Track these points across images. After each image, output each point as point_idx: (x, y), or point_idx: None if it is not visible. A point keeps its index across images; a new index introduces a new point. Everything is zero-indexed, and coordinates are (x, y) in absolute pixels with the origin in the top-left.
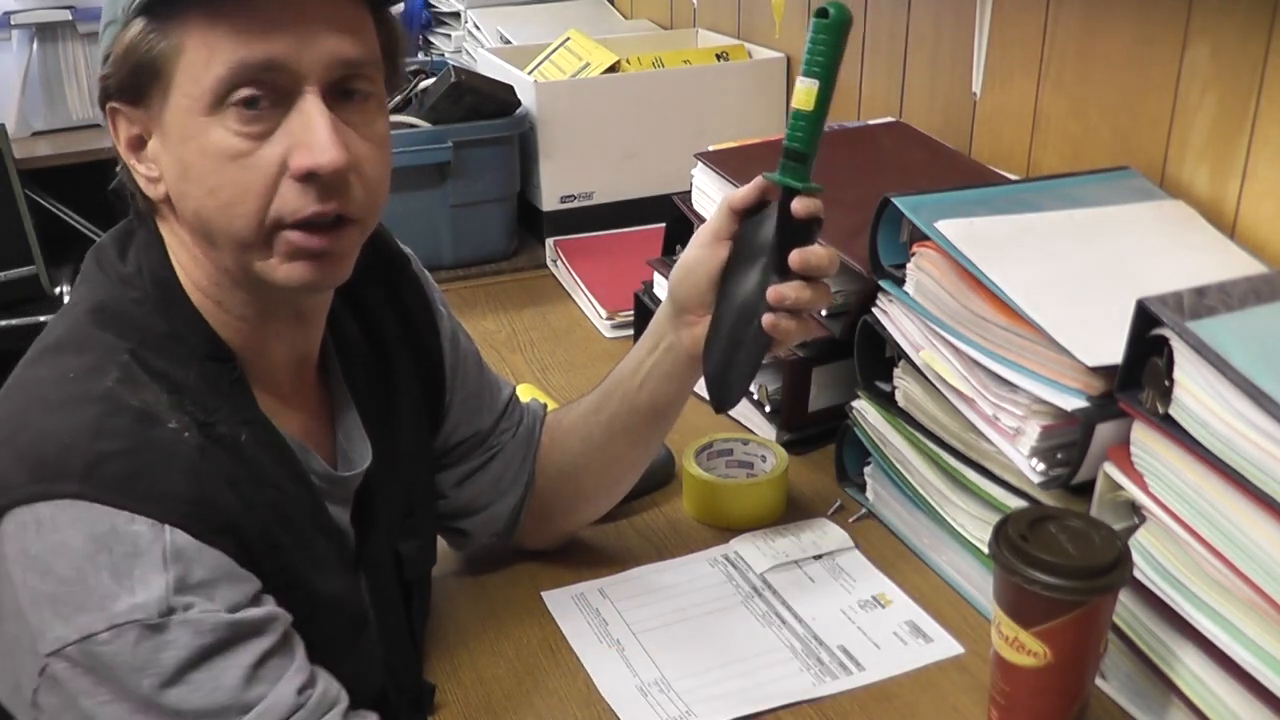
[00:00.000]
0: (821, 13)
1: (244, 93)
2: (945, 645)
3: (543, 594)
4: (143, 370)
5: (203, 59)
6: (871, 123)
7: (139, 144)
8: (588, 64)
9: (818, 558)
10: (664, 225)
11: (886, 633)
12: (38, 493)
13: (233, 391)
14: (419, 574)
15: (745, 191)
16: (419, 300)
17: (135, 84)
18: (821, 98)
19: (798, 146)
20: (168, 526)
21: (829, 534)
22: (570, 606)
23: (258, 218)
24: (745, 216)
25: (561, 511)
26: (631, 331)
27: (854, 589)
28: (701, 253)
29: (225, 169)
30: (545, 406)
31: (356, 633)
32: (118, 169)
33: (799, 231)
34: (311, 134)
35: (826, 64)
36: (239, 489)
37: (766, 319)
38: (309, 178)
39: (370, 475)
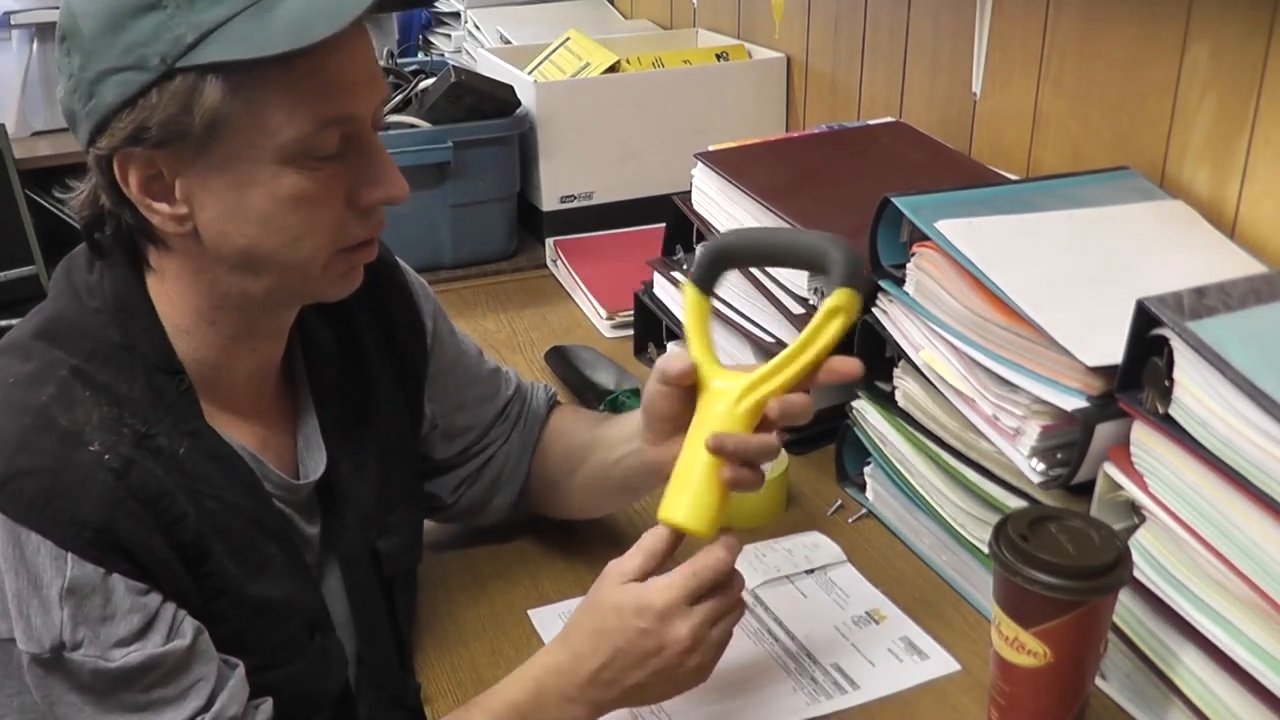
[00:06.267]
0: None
1: (325, 146)
2: (941, 662)
3: (529, 613)
4: (84, 386)
5: (282, 116)
6: (871, 123)
7: (155, 184)
8: (588, 64)
9: (810, 572)
10: (664, 225)
11: (881, 650)
12: None
13: (179, 403)
14: (399, 570)
15: (680, 371)
16: (404, 307)
17: (179, 133)
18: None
19: None
20: (70, 556)
21: (821, 548)
22: (558, 626)
23: (327, 250)
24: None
25: (551, 508)
26: (631, 332)
27: (847, 604)
28: (661, 389)
29: (296, 210)
30: (551, 398)
31: (310, 634)
32: (84, 208)
33: None
34: (383, 171)
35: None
36: (165, 502)
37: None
38: (374, 207)
39: (336, 478)
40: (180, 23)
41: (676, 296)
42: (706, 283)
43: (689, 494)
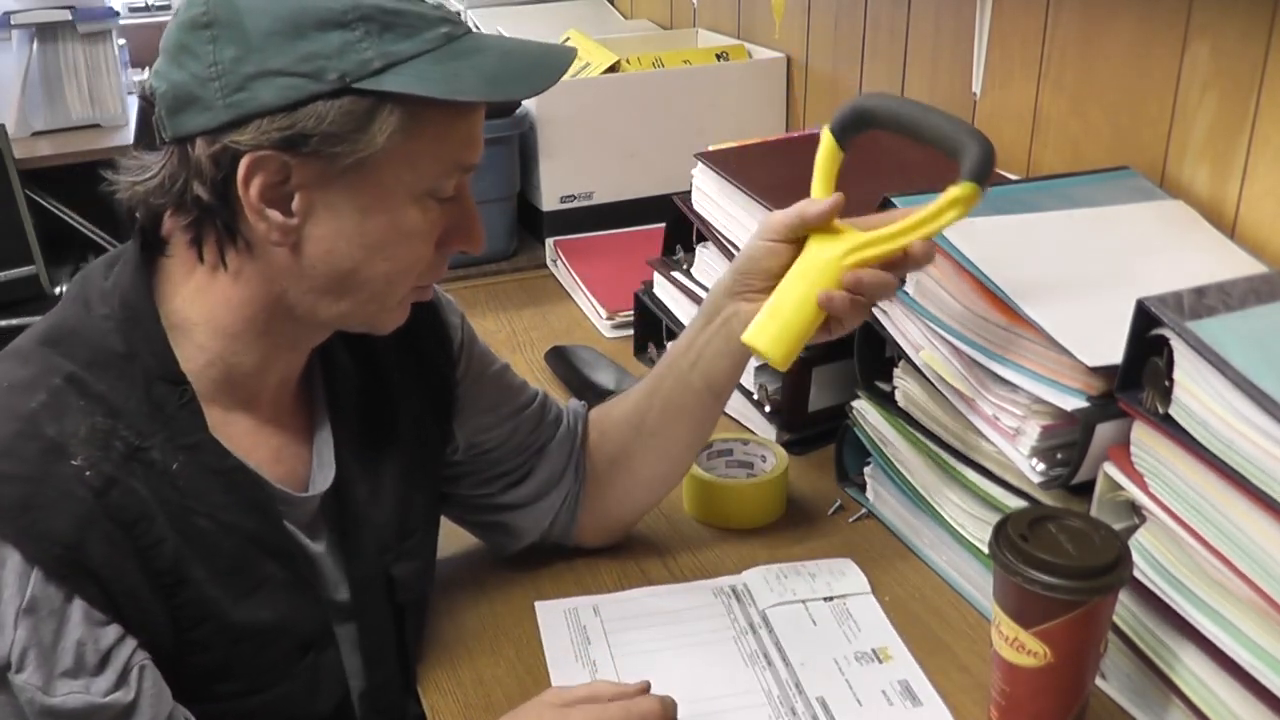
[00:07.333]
0: None
1: (446, 189)
2: (934, 712)
3: (536, 604)
4: (78, 394)
5: (431, 155)
6: None
7: (275, 191)
8: (588, 64)
9: (828, 600)
10: (664, 225)
11: (874, 690)
12: None
13: (179, 415)
14: (412, 597)
15: (826, 208)
16: (431, 324)
17: (340, 150)
18: None
19: None
20: (35, 572)
21: (848, 576)
22: (559, 620)
23: (412, 282)
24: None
25: (617, 502)
26: (631, 332)
27: (856, 638)
28: (774, 246)
29: (407, 244)
30: (586, 405)
31: (302, 654)
32: (155, 195)
33: None
34: (475, 223)
35: None
36: (143, 526)
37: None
38: (451, 252)
39: (349, 498)
40: (369, 47)
41: (677, 296)
42: (843, 135)
43: (777, 324)
